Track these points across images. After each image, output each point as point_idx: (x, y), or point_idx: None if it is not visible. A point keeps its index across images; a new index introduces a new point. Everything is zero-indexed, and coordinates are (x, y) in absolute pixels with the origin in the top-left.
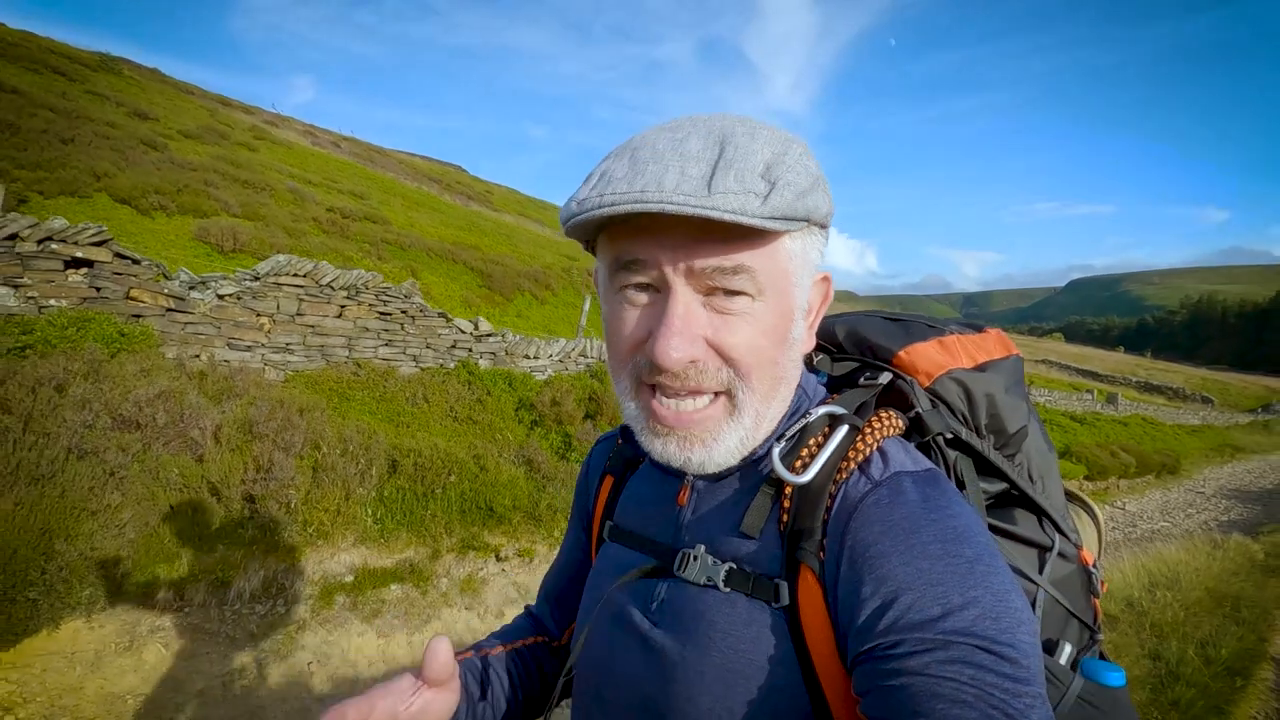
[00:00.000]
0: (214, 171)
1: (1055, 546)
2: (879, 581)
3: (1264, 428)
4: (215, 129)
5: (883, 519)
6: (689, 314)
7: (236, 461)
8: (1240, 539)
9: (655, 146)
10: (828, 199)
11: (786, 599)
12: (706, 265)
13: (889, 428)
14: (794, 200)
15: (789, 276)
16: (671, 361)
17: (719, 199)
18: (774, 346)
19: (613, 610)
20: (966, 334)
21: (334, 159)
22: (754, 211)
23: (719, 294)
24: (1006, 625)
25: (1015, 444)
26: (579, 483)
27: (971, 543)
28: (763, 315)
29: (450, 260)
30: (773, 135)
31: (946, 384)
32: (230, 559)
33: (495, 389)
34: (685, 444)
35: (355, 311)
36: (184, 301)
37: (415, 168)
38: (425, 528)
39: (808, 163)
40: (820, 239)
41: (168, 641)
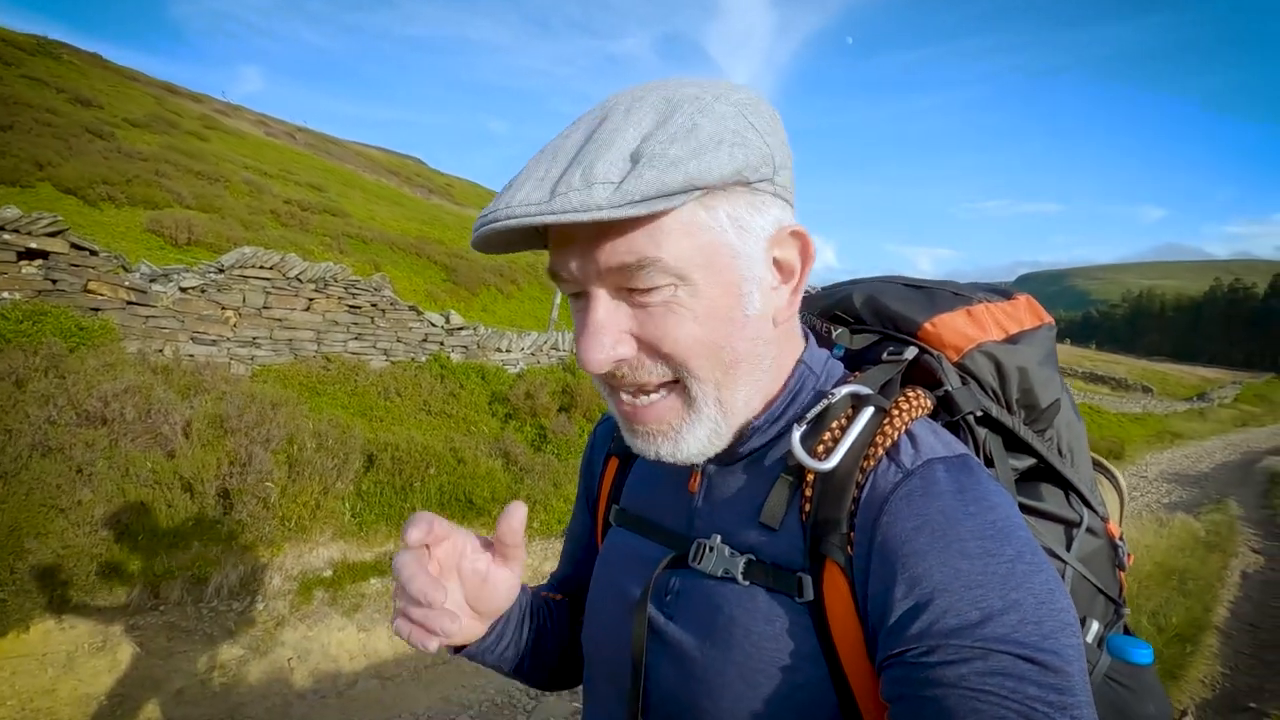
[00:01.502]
0: (165, 161)
1: (1084, 522)
2: (913, 582)
3: (1200, 415)
4: (163, 117)
5: (917, 513)
6: (608, 315)
7: (209, 457)
8: (1183, 518)
9: (541, 152)
10: (741, 154)
11: (810, 594)
12: (608, 265)
13: (917, 408)
14: (660, 175)
15: (719, 250)
16: (592, 365)
17: (559, 200)
18: (715, 332)
19: (626, 603)
20: (995, 302)
21: (289, 150)
22: (601, 204)
23: (637, 290)
24: (1050, 630)
25: (1047, 419)
26: (583, 464)
27: (1012, 539)
28: (692, 302)
29: (414, 254)
30: (660, 100)
31: (977, 358)
32: (206, 555)
33: (468, 382)
34: (649, 438)
35: (324, 305)
36: (145, 294)
37: (374, 160)
38: (405, 520)
39: (699, 120)
40: (760, 197)
41: (143, 640)
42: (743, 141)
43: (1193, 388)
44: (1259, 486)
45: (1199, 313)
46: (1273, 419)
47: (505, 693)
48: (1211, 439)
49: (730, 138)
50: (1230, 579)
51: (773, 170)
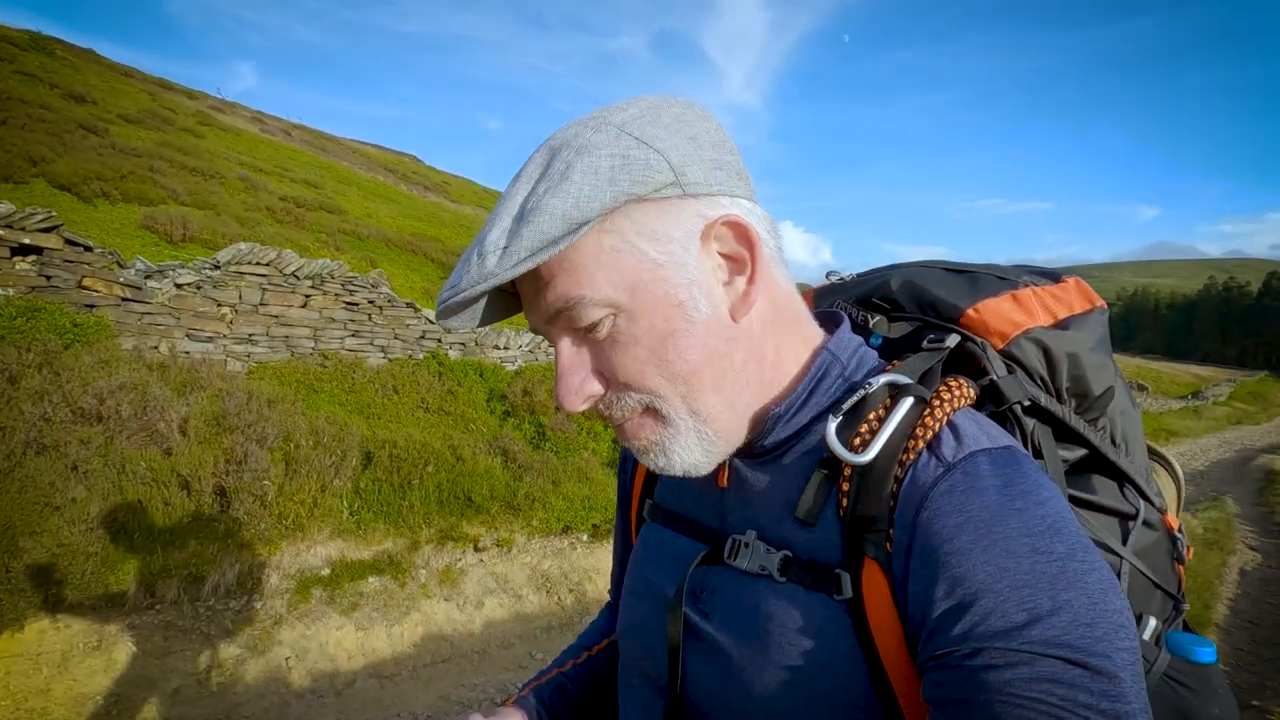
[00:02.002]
0: (159, 158)
1: (1140, 514)
2: (955, 581)
3: (1194, 413)
4: (158, 114)
5: (959, 509)
6: (571, 359)
7: (206, 454)
8: (1181, 515)
9: None
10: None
11: (849, 591)
12: (549, 313)
13: (960, 398)
14: (541, 225)
15: (639, 269)
16: (568, 405)
17: (465, 280)
18: (661, 348)
19: (660, 599)
20: (1043, 285)
21: (285, 147)
22: (492, 272)
23: (584, 329)
24: (1103, 633)
25: (1100, 407)
26: (619, 464)
27: (1063, 536)
28: (630, 328)
29: (410, 251)
30: (548, 149)
31: (1024, 345)
32: (203, 554)
33: (466, 380)
34: (643, 453)
35: (321, 301)
36: (140, 291)
37: (369, 157)
38: (403, 519)
39: (574, 159)
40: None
41: (139, 640)
42: (624, 162)
43: (1187, 386)
44: (1254, 484)
45: (1193, 311)
46: (1267, 416)
47: (505, 691)
48: (1206, 437)
49: (609, 164)
50: (1229, 576)
51: (673, 174)
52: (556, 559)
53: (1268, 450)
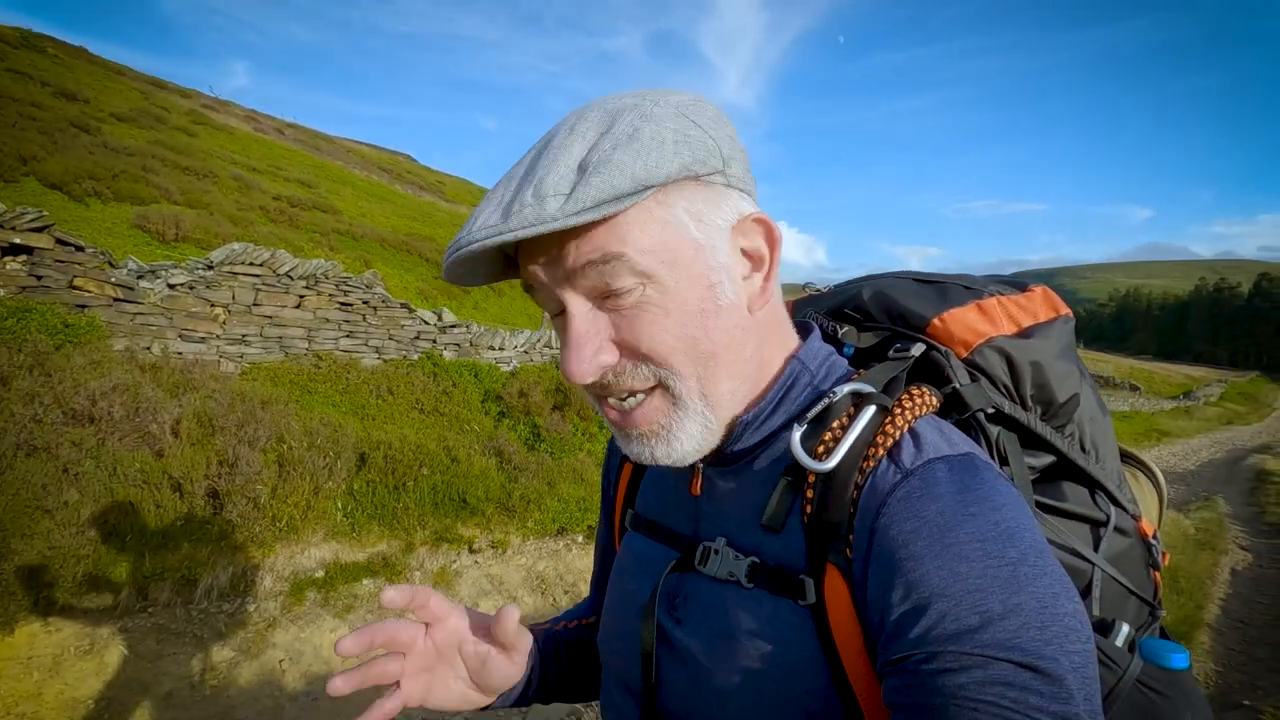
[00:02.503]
0: (152, 157)
1: (1112, 520)
2: (910, 586)
3: (1185, 413)
4: (150, 112)
5: (915, 514)
6: (588, 324)
7: (199, 456)
8: (1173, 515)
9: (500, 179)
10: (686, 150)
11: (812, 596)
12: (576, 264)
13: (921, 406)
14: (608, 179)
15: (682, 244)
16: (577, 375)
17: (514, 218)
18: (688, 325)
19: (635, 606)
20: (1009, 294)
21: (278, 146)
22: (554, 215)
23: (610, 294)
24: (1052, 636)
25: (1065, 414)
26: (603, 474)
27: (1015, 542)
28: (661, 299)
29: (405, 251)
30: (605, 112)
31: (987, 354)
32: (196, 556)
33: (461, 380)
34: (642, 441)
35: (315, 302)
36: (133, 291)
37: (364, 156)
38: (397, 520)
39: (639, 125)
40: (713, 189)
41: (131, 643)
42: (686, 139)
43: (1179, 386)
44: (1245, 484)
45: (1185, 312)
46: (1257, 417)
47: None
48: (1198, 437)
49: (673, 136)
50: (1220, 576)
51: (722, 163)
52: (552, 560)
53: (1258, 450)
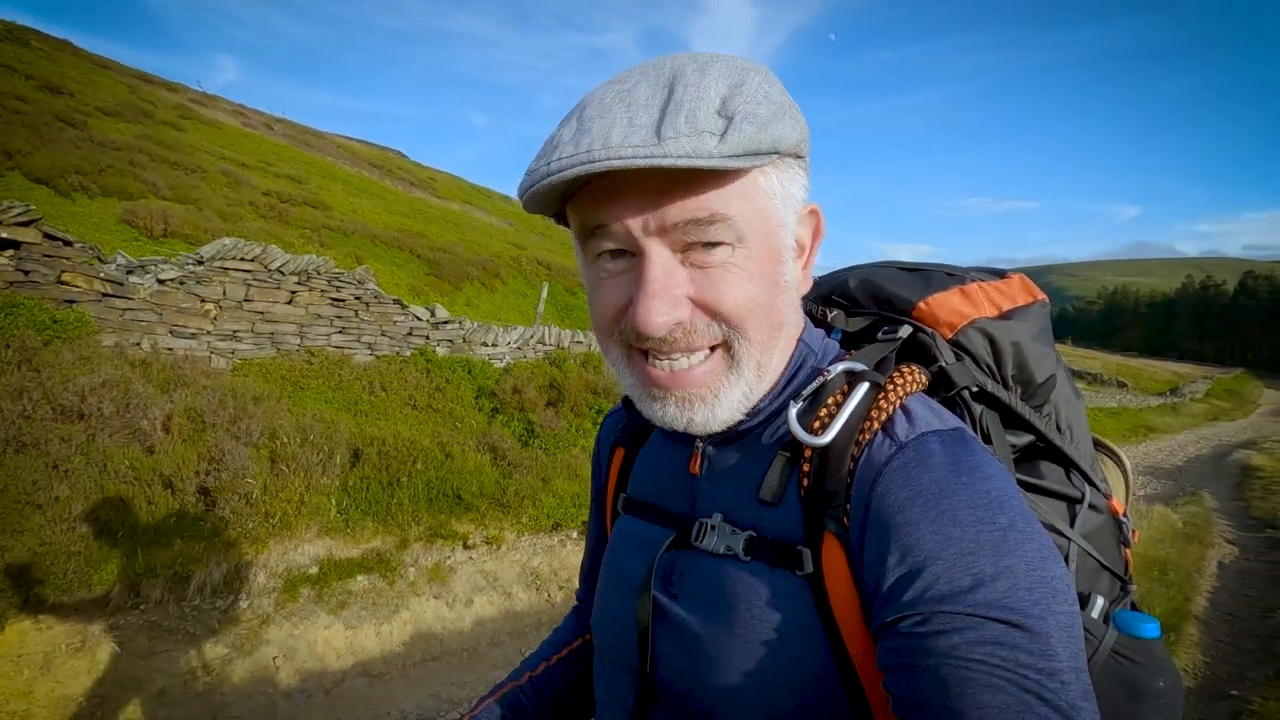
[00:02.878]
0: (139, 151)
1: (1086, 498)
2: (906, 550)
3: (1172, 410)
4: (138, 106)
5: (910, 483)
6: (668, 275)
7: (190, 452)
8: (1161, 510)
9: (602, 101)
10: (798, 126)
11: (810, 566)
12: (679, 219)
13: (912, 383)
14: (756, 133)
15: (771, 217)
16: (655, 328)
17: (670, 144)
18: (765, 293)
19: (631, 585)
20: (989, 281)
21: (268, 141)
22: (711, 152)
23: (696, 248)
24: (1040, 596)
25: (1043, 394)
26: (593, 459)
27: (1005, 508)
28: (747, 263)
29: (396, 248)
30: (727, 66)
31: (971, 334)
32: (189, 553)
33: (454, 377)
34: (685, 404)
35: (307, 298)
36: (122, 286)
37: (354, 152)
38: (391, 516)
39: (769, 89)
40: (798, 170)
41: (123, 640)
42: (795, 114)
43: (1165, 383)
44: (1231, 479)
45: (1172, 309)
46: (1242, 413)
47: None
48: (1184, 433)
49: (789, 109)
50: (1208, 569)
51: (805, 146)
52: (546, 556)
53: (1244, 446)
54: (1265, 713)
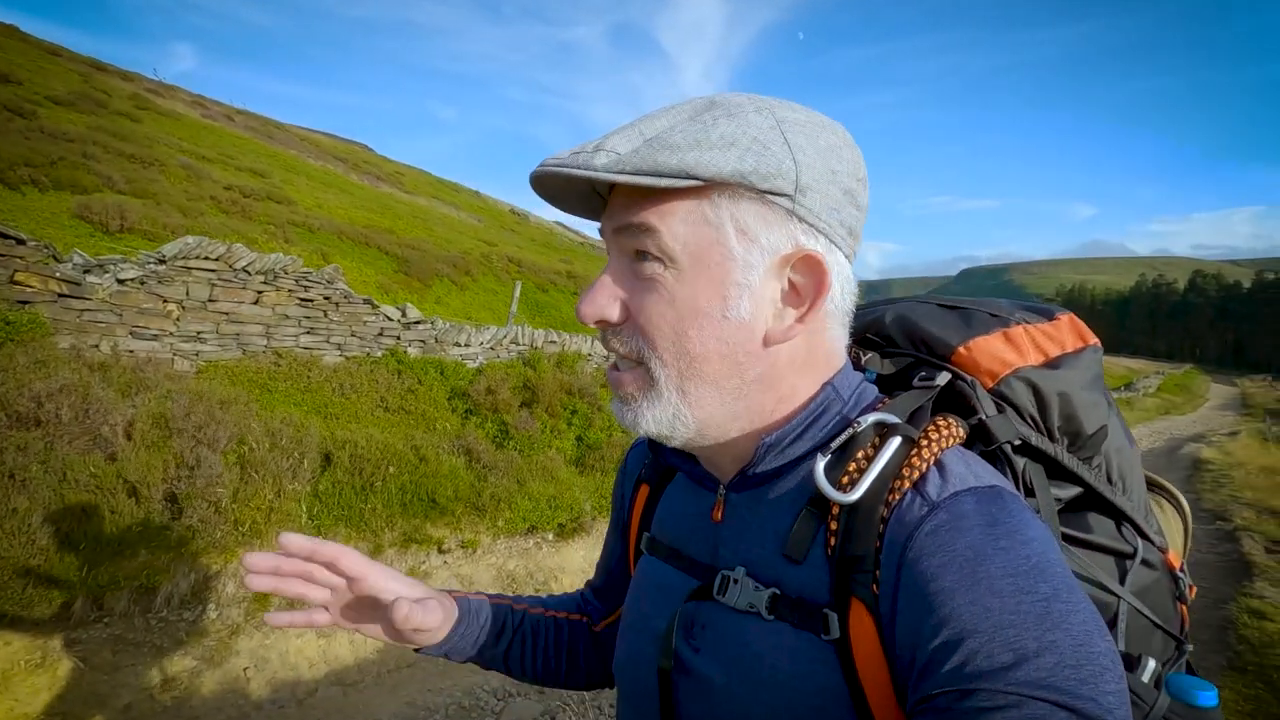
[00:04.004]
0: (93, 143)
1: (1139, 553)
2: (941, 622)
3: (1127, 404)
4: (91, 96)
5: (944, 548)
6: (613, 275)
7: (155, 459)
8: None
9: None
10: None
11: (836, 632)
12: (618, 224)
13: (949, 438)
14: (658, 154)
15: (714, 247)
16: (581, 315)
17: (572, 158)
18: (686, 319)
19: (652, 634)
20: (1035, 323)
21: (229, 133)
22: (598, 166)
23: (638, 259)
24: (1088, 674)
25: (1094, 445)
26: (615, 488)
27: (1047, 576)
28: (674, 285)
29: (363, 244)
30: (710, 102)
31: (1014, 384)
32: (155, 563)
33: (427, 378)
34: (622, 405)
35: (274, 298)
36: (79, 286)
37: (319, 145)
38: (365, 522)
39: (722, 122)
40: (772, 210)
41: (86, 655)
42: (761, 150)
43: (1120, 378)
44: (1183, 472)
45: (1126, 307)
46: (1191, 407)
47: (472, 695)
48: (1138, 426)
49: (746, 143)
50: None
51: (793, 187)
52: (522, 559)
53: (1194, 439)
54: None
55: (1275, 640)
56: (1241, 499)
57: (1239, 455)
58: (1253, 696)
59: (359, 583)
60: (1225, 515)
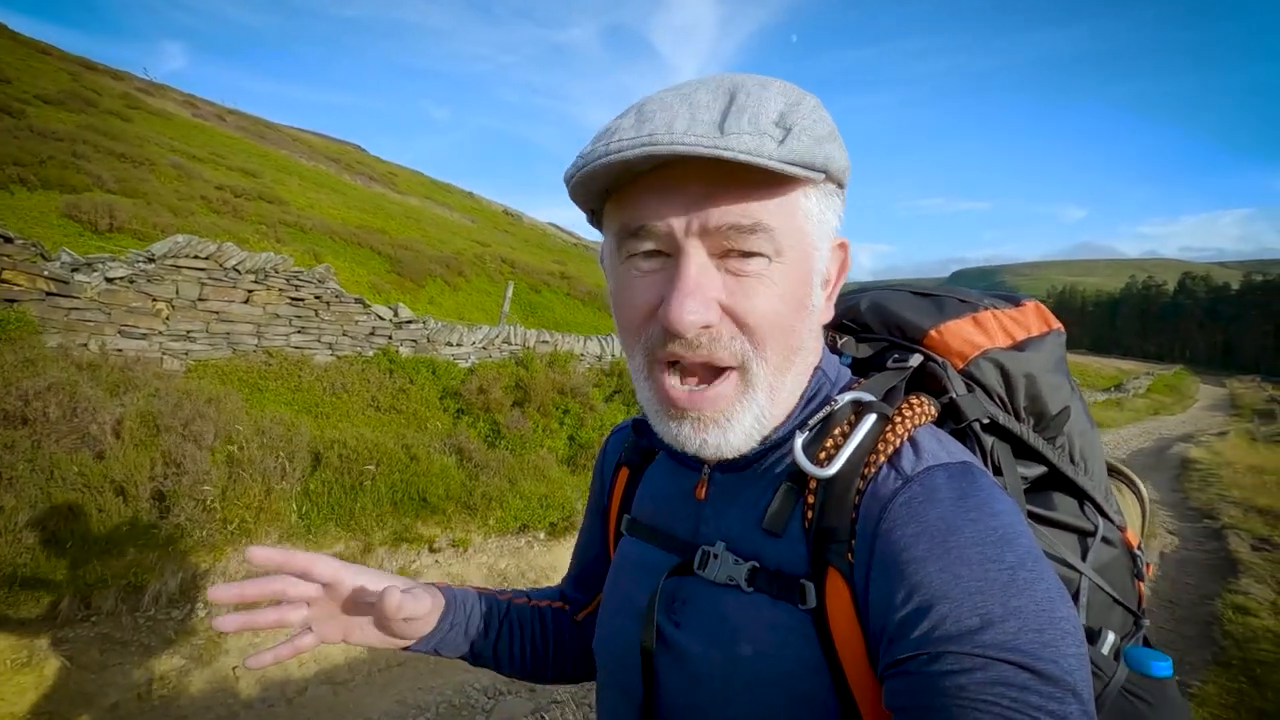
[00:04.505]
0: (83, 142)
1: (1100, 531)
2: (913, 589)
3: (1117, 405)
4: (80, 95)
5: (917, 519)
6: (703, 275)
7: (143, 458)
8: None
9: (662, 99)
10: (844, 154)
11: (813, 601)
12: (722, 223)
13: (920, 415)
14: (812, 146)
15: (807, 238)
16: (685, 325)
17: (733, 139)
18: (792, 313)
19: (634, 611)
20: (1003, 309)
21: (219, 133)
22: (770, 154)
23: (734, 255)
24: (1050, 638)
25: (1057, 426)
26: (595, 473)
27: (1013, 546)
28: (780, 278)
29: (356, 244)
30: (785, 87)
31: (983, 365)
32: (143, 561)
33: (418, 377)
34: (699, 426)
35: (264, 297)
36: (68, 285)
37: (311, 145)
38: (355, 521)
39: (822, 114)
40: (837, 199)
41: (73, 654)
42: (842, 144)
43: (1110, 379)
44: (1171, 471)
45: (1116, 308)
46: (1181, 408)
47: (463, 693)
48: (1128, 426)
49: (838, 137)
50: (1150, 559)
51: (845, 175)
52: (514, 558)
53: (1182, 439)
54: (1204, 695)
55: (1259, 635)
56: (1229, 497)
57: (1227, 455)
58: (1236, 690)
59: (337, 588)
60: (1213, 513)
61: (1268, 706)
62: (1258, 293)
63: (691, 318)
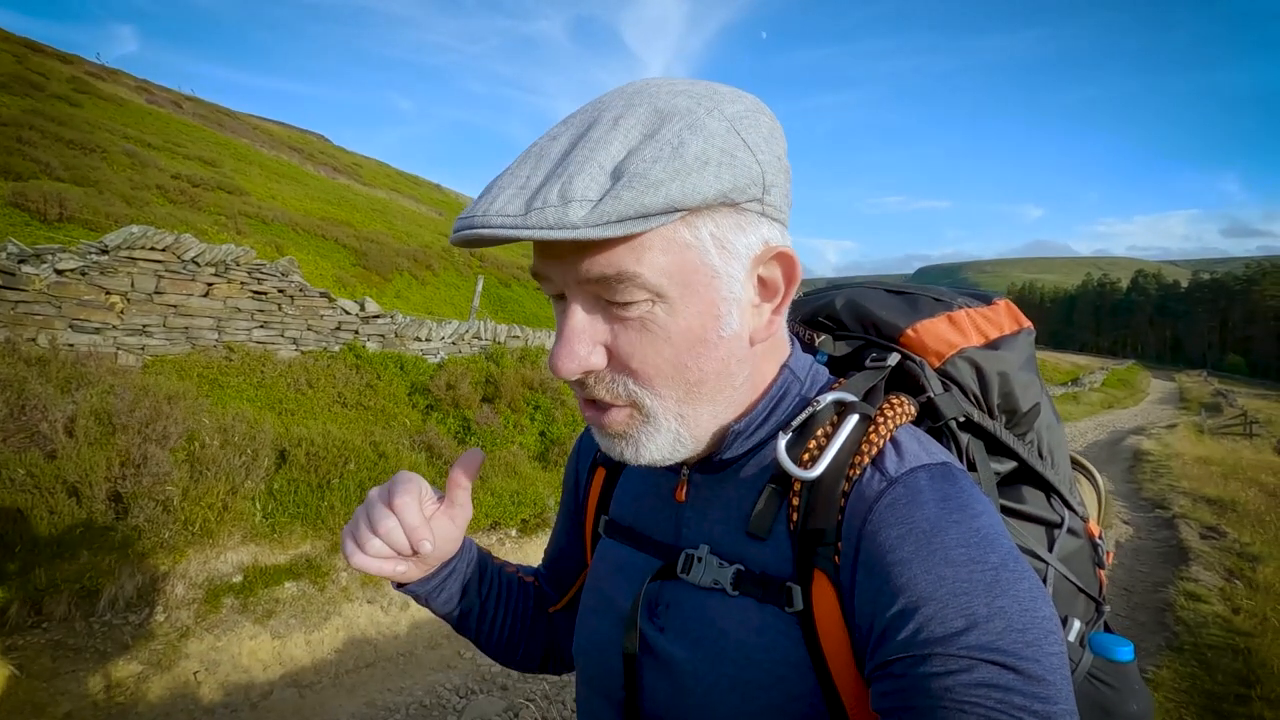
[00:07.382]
0: (29, 128)
1: (1065, 522)
2: (898, 590)
3: (1074, 399)
4: (26, 78)
5: (902, 520)
6: (584, 325)
7: (98, 457)
8: None
9: (525, 154)
10: (730, 174)
11: (800, 604)
12: (588, 276)
13: (901, 415)
14: (641, 195)
15: (699, 269)
16: (561, 372)
17: (535, 216)
18: (688, 349)
19: (616, 615)
20: (976, 307)
21: (176, 120)
22: (576, 223)
23: (614, 304)
24: (1034, 638)
25: (1027, 422)
26: (567, 472)
27: (995, 547)
28: (668, 320)
29: (320, 236)
30: (654, 110)
31: (959, 364)
32: (98, 565)
33: (386, 373)
34: (612, 443)
35: (225, 290)
36: (14, 277)
37: (272, 134)
38: (322, 520)
39: (687, 137)
40: (746, 216)
41: (23, 662)
42: (731, 161)
43: (1068, 373)
44: (1125, 463)
45: (1073, 305)
46: (1133, 401)
47: (434, 693)
48: (1084, 420)
49: (718, 157)
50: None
51: (762, 190)
52: None
53: (1135, 432)
54: (1159, 680)
55: (1209, 621)
56: (1179, 488)
57: (1176, 446)
58: (1188, 674)
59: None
60: (1164, 504)
61: (1218, 689)
62: (1205, 290)
63: (567, 365)
